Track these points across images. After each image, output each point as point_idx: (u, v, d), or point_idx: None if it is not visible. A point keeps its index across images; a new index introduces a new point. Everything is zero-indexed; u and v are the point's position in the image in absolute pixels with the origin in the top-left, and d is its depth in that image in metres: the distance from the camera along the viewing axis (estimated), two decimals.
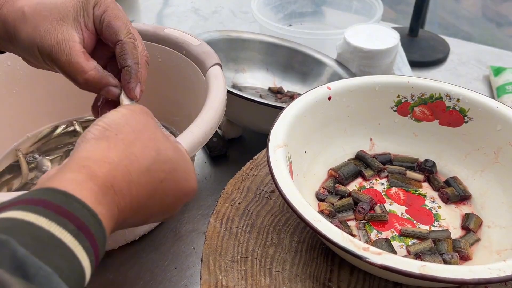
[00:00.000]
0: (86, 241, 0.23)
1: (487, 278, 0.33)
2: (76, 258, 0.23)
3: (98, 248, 0.24)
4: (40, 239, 0.22)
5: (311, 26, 0.94)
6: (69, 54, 0.36)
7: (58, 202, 0.23)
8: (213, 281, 0.39)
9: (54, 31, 0.36)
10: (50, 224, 0.22)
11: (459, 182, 0.50)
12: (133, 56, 0.38)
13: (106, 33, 0.38)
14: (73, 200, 0.24)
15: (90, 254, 0.23)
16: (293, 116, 0.46)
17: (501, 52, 0.91)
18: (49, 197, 0.24)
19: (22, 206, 0.23)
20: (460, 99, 0.50)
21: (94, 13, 0.38)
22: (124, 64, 0.38)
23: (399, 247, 0.44)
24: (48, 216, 0.23)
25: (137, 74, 0.38)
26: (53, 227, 0.22)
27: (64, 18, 0.37)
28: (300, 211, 0.36)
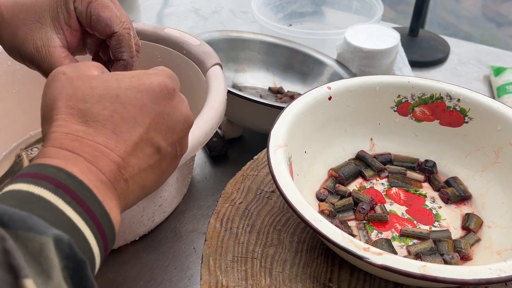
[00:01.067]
0: (66, 196, 0.24)
1: (487, 279, 0.33)
2: (58, 208, 0.23)
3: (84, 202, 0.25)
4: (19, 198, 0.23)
5: (311, 26, 0.94)
6: (50, 61, 0.35)
7: (34, 170, 0.25)
8: (213, 281, 0.39)
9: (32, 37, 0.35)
10: (29, 186, 0.24)
11: (460, 182, 0.50)
12: (129, 48, 0.36)
13: (97, 27, 0.36)
14: (48, 166, 0.25)
15: (75, 207, 0.24)
16: (293, 116, 0.46)
17: (501, 52, 0.91)
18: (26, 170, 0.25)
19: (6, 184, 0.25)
20: (460, 99, 0.50)
21: (76, 8, 0.35)
22: (120, 58, 0.36)
23: (399, 247, 0.44)
24: (26, 181, 0.24)
25: (132, 68, 0.37)
26: (31, 188, 0.23)
27: (41, 19, 0.35)
28: (300, 211, 0.36)
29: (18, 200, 0.23)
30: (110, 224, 0.26)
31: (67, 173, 0.25)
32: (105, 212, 0.26)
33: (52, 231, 0.22)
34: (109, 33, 0.36)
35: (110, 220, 0.26)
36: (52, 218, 0.23)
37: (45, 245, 0.21)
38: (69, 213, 0.24)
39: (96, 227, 0.25)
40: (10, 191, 0.24)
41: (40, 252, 0.21)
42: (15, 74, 0.58)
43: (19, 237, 0.21)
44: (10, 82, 0.58)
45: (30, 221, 0.21)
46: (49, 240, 0.21)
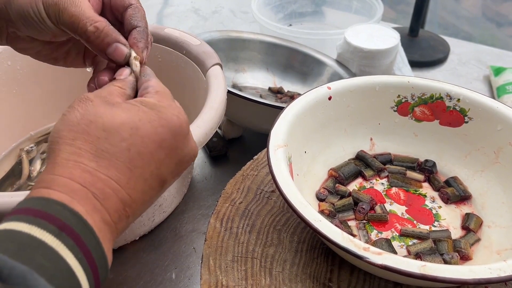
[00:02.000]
0: (69, 240, 0.23)
1: (487, 278, 0.33)
2: (59, 256, 0.22)
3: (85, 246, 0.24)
4: (19, 242, 0.22)
5: (311, 26, 0.94)
6: (79, 5, 0.33)
7: (38, 206, 0.23)
8: (213, 281, 0.39)
9: None
10: (31, 228, 0.22)
11: (459, 182, 0.50)
12: (144, 20, 0.36)
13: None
14: (52, 203, 0.24)
15: (76, 252, 0.23)
16: (293, 116, 0.46)
17: (501, 52, 0.91)
18: (29, 204, 0.24)
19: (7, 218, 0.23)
20: (460, 99, 0.50)
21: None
22: (136, 25, 0.35)
23: (399, 247, 0.44)
24: (28, 220, 0.22)
25: (147, 37, 0.36)
26: (33, 230, 0.22)
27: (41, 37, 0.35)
28: (300, 211, 0.36)
29: (18, 245, 0.22)
30: (106, 266, 0.26)
31: (72, 212, 0.24)
32: (103, 255, 0.25)
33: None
34: (127, 3, 0.36)
35: (106, 263, 0.25)
36: (52, 267, 0.22)
37: None
38: (69, 260, 0.23)
39: (92, 273, 0.24)
40: (10, 231, 0.22)
41: None
42: (15, 74, 0.58)
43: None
44: (10, 82, 0.58)
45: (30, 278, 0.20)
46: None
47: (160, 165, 0.29)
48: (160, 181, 0.29)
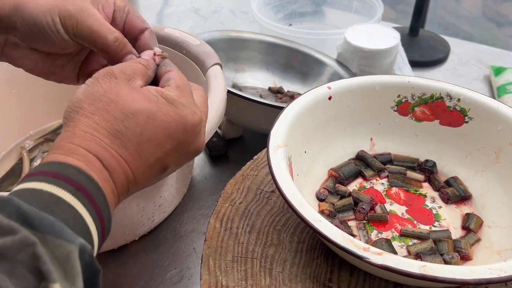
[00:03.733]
0: (84, 199, 0.25)
1: (487, 278, 0.32)
2: (76, 212, 0.25)
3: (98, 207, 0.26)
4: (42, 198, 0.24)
5: (311, 26, 0.94)
6: (97, 18, 0.34)
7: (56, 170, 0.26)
8: (213, 281, 0.39)
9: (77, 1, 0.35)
10: (51, 187, 0.24)
11: (460, 182, 0.50)
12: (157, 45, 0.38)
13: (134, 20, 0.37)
14: (70, 167, 0.26)
15: (91, 211, 0.25)
16: (293, 116, 0.46)
17: (501, 52, 0.91)
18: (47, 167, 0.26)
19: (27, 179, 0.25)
20: (460, 99, 0.50)
21: (115, 3, 0.37)
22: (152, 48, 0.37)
23: (399, 247, 0.44)
24: (48, 181, 0.25)
25: None
26: (53, 188, 0.24)
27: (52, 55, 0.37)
28: (300, 211, 0.36)
29: (41, 201, 0.24)
30: (109, 228, 0.28)
31: (87, 176, 0.26)
32: (109, 218, 0.27)
33: (79, 240, 0.23)
34: (143, 27, 0.37)
35: (110, 225, 0.28)
36: (72, 222, 0.24)
37: (71, 254, 0.22)
38: (86, 217, 0.25)
39: (101, 231, 0.26)
40: (32, 190, 0.24)
41: (67, 260, 0.22)
42: (15, 74, 0.58)
43: (47, 242, 0.22)
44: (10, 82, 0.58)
45: (58, 227, 0.23)
46: (75, 249, 0.22)
47: (165, 154, 0.31)
48: (162, 168, 0.32)
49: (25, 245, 0.21)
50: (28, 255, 0.21)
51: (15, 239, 0.21)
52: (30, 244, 0.21)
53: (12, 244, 0.21)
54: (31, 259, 0.21)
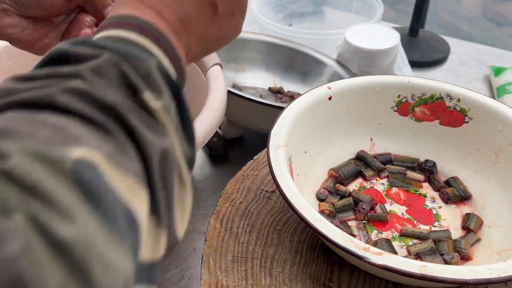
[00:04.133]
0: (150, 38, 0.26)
1: (487, 278, 0.33)
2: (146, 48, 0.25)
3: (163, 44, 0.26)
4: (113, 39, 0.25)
5: (311, 26, 0.94)
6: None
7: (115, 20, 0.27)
8: (213, 281, 0.39)
9: None
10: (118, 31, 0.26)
11: (460, 182, 0.50)
12: None
13: None
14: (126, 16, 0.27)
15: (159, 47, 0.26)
16: (293, 116, 0.46)
17: (501, 52, 0.91)
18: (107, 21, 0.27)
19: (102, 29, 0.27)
20: (460, 99, 0.50)
21: None
22: None
23: (399, 247, 0.44)
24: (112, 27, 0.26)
25: None
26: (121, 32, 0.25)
27: None
28: (300, 211, 0.36)
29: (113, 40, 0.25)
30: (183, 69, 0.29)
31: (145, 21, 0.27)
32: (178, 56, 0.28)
33: (154, 59, 0.24)
34: None
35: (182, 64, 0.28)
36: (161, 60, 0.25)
37: (151, 69, 0.24)
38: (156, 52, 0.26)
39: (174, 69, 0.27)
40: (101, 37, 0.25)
41: (149, 74, 0.23)
42: None
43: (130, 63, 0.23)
44: None
45: (134, 51, 0.24)
46: (153, 65, 0.24)
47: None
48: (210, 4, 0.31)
49: (112, 62, 0.23)
50: (117, 72, 0.22)
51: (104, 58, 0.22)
52: (116, 63, 0.23)
53: (104, 62, 0.22)
54: (120, 75, 0.23)
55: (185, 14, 0.30)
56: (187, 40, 0.30)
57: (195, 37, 0.31)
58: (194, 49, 0.31)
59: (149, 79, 0.23)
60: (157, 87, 0.24)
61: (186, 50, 0.30)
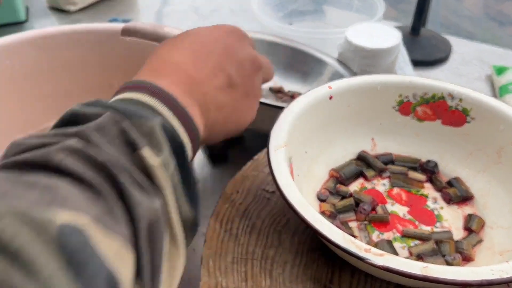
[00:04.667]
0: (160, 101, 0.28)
1: (489, 280, 0.32)
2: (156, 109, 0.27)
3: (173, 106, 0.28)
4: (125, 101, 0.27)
5: (312, 25, 0.94)
6: None
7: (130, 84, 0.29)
8: (213, 283, 0.39)
9: None
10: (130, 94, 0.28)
11: (462, 182, 0.50)
12: None
13: None
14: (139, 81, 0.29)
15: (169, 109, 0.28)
16: (294, 116, 0.46)
17: (503, 51, 0.91)
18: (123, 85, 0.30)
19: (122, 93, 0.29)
20: (462, 98, 0.50)
21: None
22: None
23: (401, 248, 0.43)
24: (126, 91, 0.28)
25: None
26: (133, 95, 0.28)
27: None
28: (301, 212, 0.36)
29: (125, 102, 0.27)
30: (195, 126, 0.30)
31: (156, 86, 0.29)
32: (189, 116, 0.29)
33: (159, 118, 0.26)
34: None
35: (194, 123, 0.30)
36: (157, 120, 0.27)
37: (154, 128, 0.25)
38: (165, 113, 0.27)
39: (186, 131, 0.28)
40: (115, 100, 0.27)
41: (151, 132, 0.24)
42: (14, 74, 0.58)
43: (133, 122, 0.24)
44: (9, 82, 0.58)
45: (139, 111, 0.25)
46: (157, 124, 0.25)
47: (220, 57, 0.33)
48: (225, 74, 0.33)
49: (114, 121, 0.24)
50: (118, 130, 0.24)
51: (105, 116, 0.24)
52: (118, 121, 0.24)
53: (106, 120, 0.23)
54: (121, 133, 0.24)
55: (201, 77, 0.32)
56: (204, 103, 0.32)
57: (213, 103, 0.33)
58: (214, 114, 0.33)
59: (151, 136, 0.24)
60: (157, 144, 0.24)
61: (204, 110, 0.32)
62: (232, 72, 0.34)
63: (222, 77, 0.33)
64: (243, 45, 0.36)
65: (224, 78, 0.33)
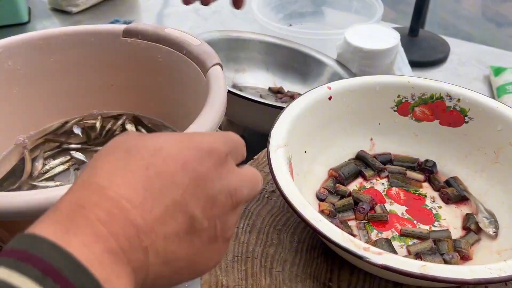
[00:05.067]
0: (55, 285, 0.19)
1: (487, 278, 0.33)
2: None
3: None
4: None
5: (311, 26, 0.94)
6: None
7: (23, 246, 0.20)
8: (213, 281, 0.39)
9: None
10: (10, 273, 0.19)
11: (460, 182, 0.50)
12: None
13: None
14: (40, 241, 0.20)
15: None
16: (293, 116, 0.46)
17: (501, 52, 0.91)
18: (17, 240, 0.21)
19: None
20: (460, 99, 0.50)
21: None
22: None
23: (399, 247, 0.44)
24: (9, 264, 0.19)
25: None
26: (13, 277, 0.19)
27: None
28: (300, 211, 0.36)
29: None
30: None
31: (62, 252, 0.20)
32: None
33: None
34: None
35: None
36: None
37: None
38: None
39: None
40: None
41: None
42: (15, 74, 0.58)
43: None
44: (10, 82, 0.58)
45: None
46: None
47: (184, 193, 0.24)
48: (186, 216, 0.24)
49: None
50: None
51: None
52: None
53: None
54: None
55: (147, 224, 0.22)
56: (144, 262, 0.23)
57: (159, 257, 0.23)
58: (158, 269, 0.24)
59: None
60: None
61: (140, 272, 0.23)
62: (197, 213, 0.24)
63: (181, 220, 0.24)
64: (222, 173, 0.26)
65: (183, 221, 0.24)
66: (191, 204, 0.24)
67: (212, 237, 0.26)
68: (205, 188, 0.25)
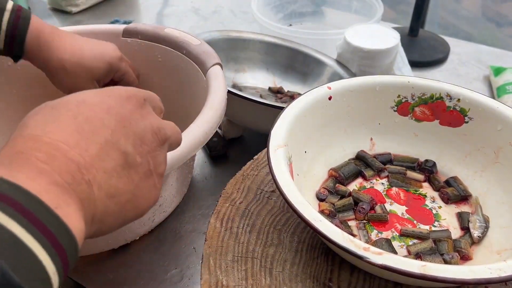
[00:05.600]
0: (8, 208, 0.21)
1: (487, 278, 0.33)
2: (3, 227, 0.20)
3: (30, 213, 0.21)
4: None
5: (311, 26, 0.94)
6: None
7: None
8: (213, 281, 0.39)
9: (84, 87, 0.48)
10: None
11: (460, 182, 0.50)
12: None
13: None
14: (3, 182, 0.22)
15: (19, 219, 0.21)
16: (293, 116, 0.46)
17: (501, 52, 0.91)
18: None
19: None
20: (460, 99, 0.50)
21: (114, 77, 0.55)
22: None
23: (399, 247, 0.44)
24: None
25: None
26: None
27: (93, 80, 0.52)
28: (300, 211, 0.36)
29: None
30: (67, 233, 0.22)
31: (9, 183, 0.22)
32: (57, 220, 0.22)
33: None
34: None
35: (66, 228, 0.22)
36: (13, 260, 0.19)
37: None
38: (11, 227, 0.20)
39: (47, 239, 0.21)
40: None
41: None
42: (15, 74, 0.58)
43: None
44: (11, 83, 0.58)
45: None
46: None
47: (113, 132, 0.27)
48: (119, 152, 0.27)
49: None
50: None
51: None
52: None
53: None
54: None
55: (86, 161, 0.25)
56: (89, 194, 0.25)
57: (103, 191, 0.26)
58: (103, 204, 0.26)
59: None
60: None
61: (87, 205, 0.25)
62: (129, 149, 0.28)
63: (115, 156, 0.27)
64: (143, 114, 0.30)
65: (118, 157, 0.27)
66: (122, 141, 0.27)
67: (147, 171, 0.29)
68: (131, 127, 0.28)
